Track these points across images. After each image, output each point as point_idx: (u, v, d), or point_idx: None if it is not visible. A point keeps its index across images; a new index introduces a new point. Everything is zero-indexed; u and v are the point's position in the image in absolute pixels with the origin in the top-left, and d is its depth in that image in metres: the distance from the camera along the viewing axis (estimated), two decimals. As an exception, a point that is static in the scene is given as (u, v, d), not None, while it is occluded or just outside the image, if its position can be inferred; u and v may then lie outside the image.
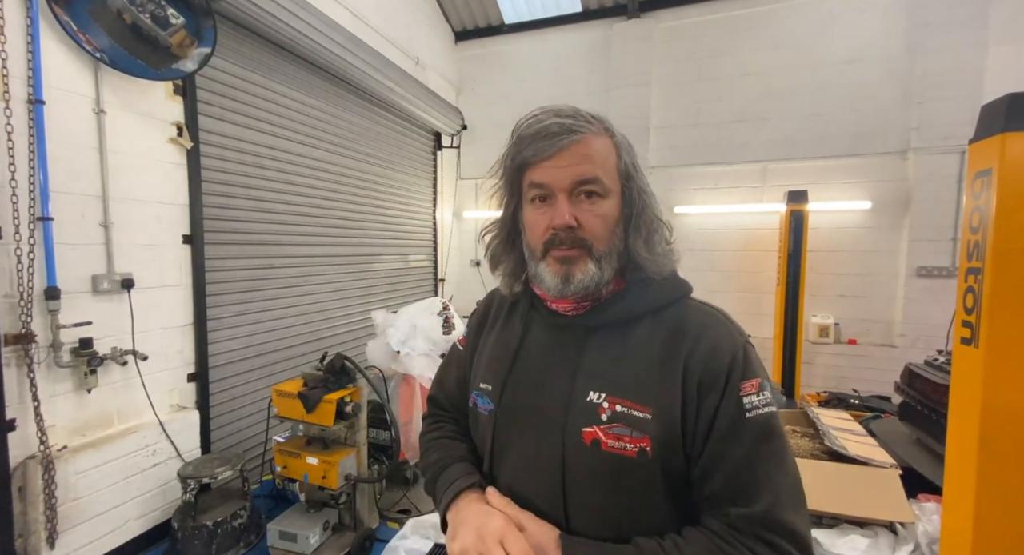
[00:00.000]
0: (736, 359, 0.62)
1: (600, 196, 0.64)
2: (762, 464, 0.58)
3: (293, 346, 3.11)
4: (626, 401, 0.62)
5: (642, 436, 0.60)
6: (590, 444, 0.62)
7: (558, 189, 0.64)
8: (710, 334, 0.64)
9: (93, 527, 1.94)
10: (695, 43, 4.19)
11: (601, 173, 0.64)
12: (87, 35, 1.87)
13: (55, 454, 1.80)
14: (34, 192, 1.77)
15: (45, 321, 1.82)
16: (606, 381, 0.64)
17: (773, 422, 0.61)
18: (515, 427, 0.69)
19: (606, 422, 0.62)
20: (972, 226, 1.39)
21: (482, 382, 0.75)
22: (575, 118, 0.64)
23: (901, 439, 2.65)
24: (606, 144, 0.66)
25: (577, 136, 0.63)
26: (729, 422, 0.60)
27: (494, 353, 0.76)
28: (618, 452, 0.61)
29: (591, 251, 0.64)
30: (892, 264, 3.78)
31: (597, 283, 0.65)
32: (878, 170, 3.77)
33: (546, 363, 0.70)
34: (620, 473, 0.61)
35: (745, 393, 0.60)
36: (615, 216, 0.66)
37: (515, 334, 0.74)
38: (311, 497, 2.16)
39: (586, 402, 0.64)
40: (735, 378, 0.61)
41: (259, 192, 2.83)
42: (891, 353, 3.71)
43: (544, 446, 0.65)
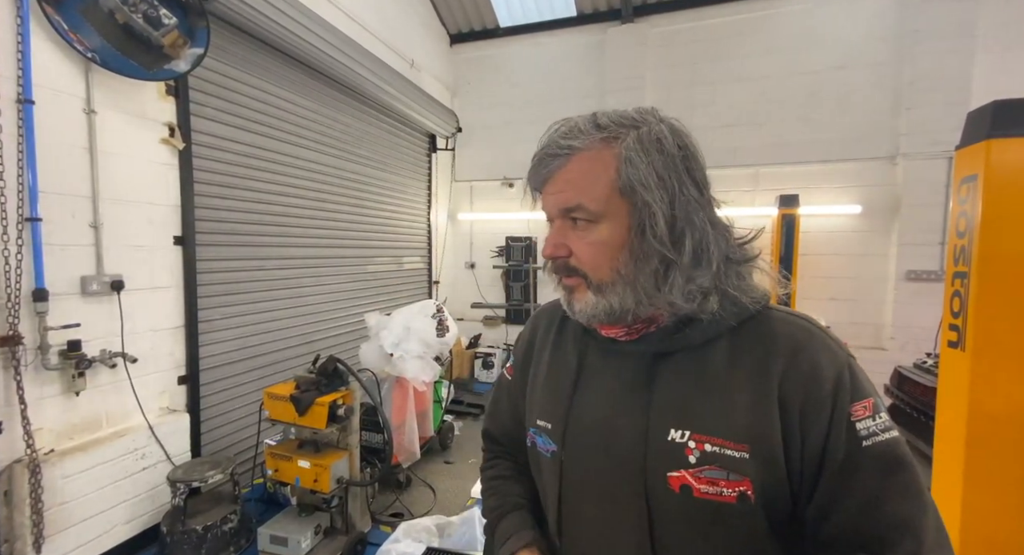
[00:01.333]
0: (842, 380, 0.53)
1: (590, 222, 0.57)
2: (895, 500, 0.49)
3: (285, 348, 3.09)
4: (716, 439, 0.53)
5: (741, 479, 0.51)
6: (679, 491, 0.53)
7: (552, 216, 0.60)
8: (807, 352, 0.54)
9: (80, 532, 1.91)
10: (688, 48, 4.23)
11: (585, 199, 0.56)
12: (78, 35, 1.86)
13: (42, 458, 1.78)
14: (23, 192, 1.75)
15: (33, 323, 1.80)
16: (688, 416, 0.55)
17: (899, 449, 0.51)
18: (585, 473, 0.61)
19: (695, 465, 0.53)
20: (959, 231, 1.41)
21: (539, 419, 0.67)
22: (569, 135, 0.58)
23: (891, 441, 2.68)
24: (599, 158, 0.56)
25: (560, 160, 0.57)
26: (845, 454, 0.51)
27: (549, 385, 0.68)
28: (714, 498, 0.52)
29: (588, 280, 0.58)
30: (882, 268, 3.83)
31: (608, 312, 0.57)
32: (868, 175, 3.82)
33: (611, 396, 0.61)
34: (718, 522, 0.53)
35: (858, 417, 0.51)
36: (615, 241, 0.56)
37: (570, 361, 0.66)
38: (303, 501, 2.14)
39: (667, 442, 0.55)
40: (843, 401, 0.52)
41: (252, 193, 2.81)
42: (881, 356, 3.75)
43: (623, 494, 0.57)
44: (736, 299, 0.57)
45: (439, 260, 5.01)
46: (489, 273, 5.08)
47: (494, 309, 4.98)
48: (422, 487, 2.78)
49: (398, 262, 4.42)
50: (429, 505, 2.61)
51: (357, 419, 2.28)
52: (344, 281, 3.65)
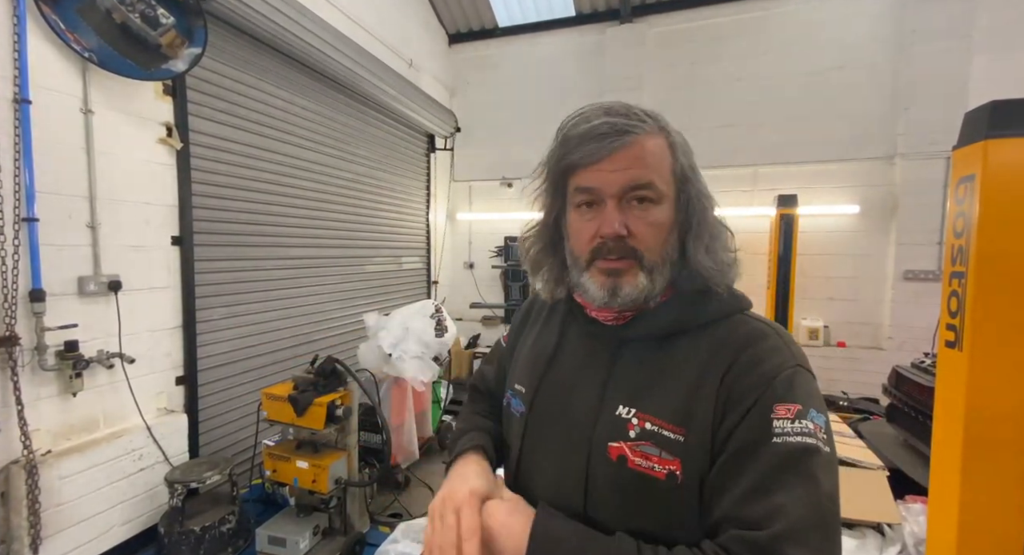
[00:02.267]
0: (777, 379, 0.55)
1: (653, 202, 0.59)
2: (779, 492, 0.49)
3: (283, 349, 3.09)
4: (656, 419, 0.58)
5: (672, 458, 0.56)
6: (616, 459, 0.59)
7: (608, 195, 0.59)
8: (754, 350, 0.58)
9: (77, 533, 1.90)
10: (687, 48, 4.23)
11: (655, 177, 0.59)
12: (75, 34, 1.85)
13: (39, 459, 1.77)
14: (19, 193, 1.75)
15: (29, 323, 1.79)
16: (637, 395, 0.60)
17: (809, 455, 0.51)
18: (543, 434, 0.68)
19: (634, 439, 0.58)
20: (956, 231, 1.41)
21: (517, 383, 0.75)
22: (627, 116, 0.59)
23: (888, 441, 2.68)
24: (660, 144, 0.60)
25: (629, 137, 0.58)
26: (749, 441, 0.53)
27: (530, 355, 0.75)
28: (645, 471, 0.57)
29: (642, 262, 0.60)
30: (880, 267, 3.84)
31: (647, 296, 0.61)
32: (866, 175, 3.83)
33: (578, 372, 0.67)
34: (646, 494, 0.57)
35: (778, 416, 0.53)
36: (668, 223, 0.61)
37: (551, 339, 0.73)
38: (301, 501, 2.14)
39: (614, 415, 0.60)
40: (768, 398, 0.54)
41: (250, 193, 2.81)
42: (879, 355, 3.76)
43: (570, 457, 0.63)
44: (721, 297, 0.63)
45: (438, 260, 5.01)
46: (488, 273, 5.07)
47: (493, 309, 4.98)
48: (421, 487, 2.78)
49: (397, 262, 4.42)
50: (427, 506, 2.60)
51: (355, 419, 2.28)
52: (342, 281, 3.65)
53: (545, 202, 0.70)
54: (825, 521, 0.50)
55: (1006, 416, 1.32)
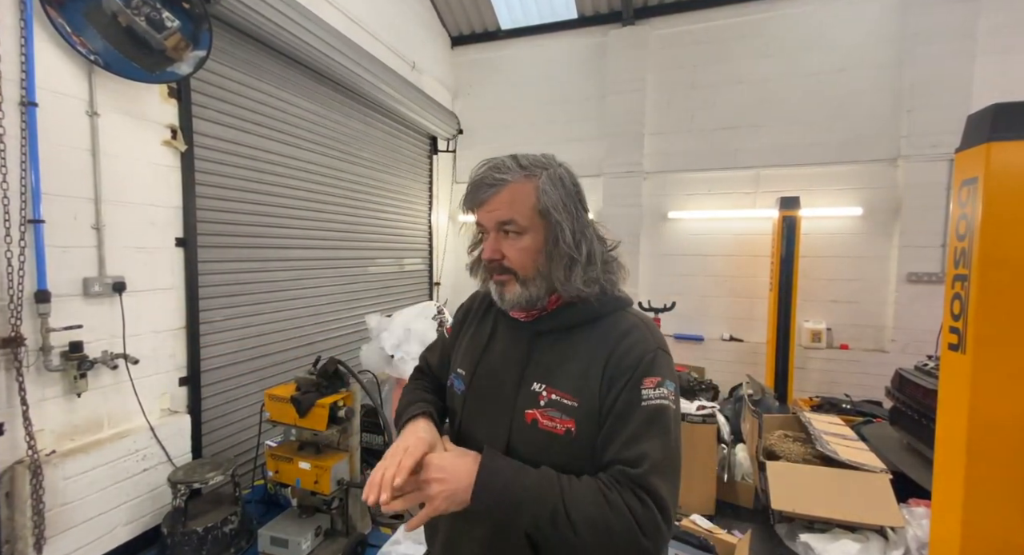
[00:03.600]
0: (644, 361, 0.77)
1: (519, 233, 0.79)
2: (647, 441, 0.73)
3: (286, 350, 3.10)
4: (559, 391, 0.79)
5: (569, 419, 0.77)
6: (530, 423, 0.79)
7: (489, 228, 0.82)
8: (628, 340, 0.79)
9: (81, 533, 1.91)
10: (689, 50, 4.23)
11: (516, 215, 0.78)
12: (81, 37, 1.87)
13: (43, 459, 1.78)
14: (25, 194, 1.76)
15: (35, 324, 1.80)
16: (548, 375, 0.81)
17: (664, 413, 0.75)
18: (479, 405, 0.87)
19: (543, 406, 0.79)
20: (959, 233, 1.41)
21: (459, 367, 0.93)
22: (501, 170, 0.79)
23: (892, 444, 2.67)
24: (525, 189, 0.79)
25: (498, 187, 0.79)
26: (626, 406, 0.75)
27: (470, 345, 0.94)
28: (549, 430, 0.78)
29: (517, 276, 0.81)
30: (883, 270, 3.83)
31: (527, 300, 0.81)
32: (869, 177, 3.82)
33: (505, 358, 0.87)
34: (551, 446, 0.78)
35: (645, 387, 0.75)
36: (535, 247, 0.80)
37: (486, 332, 0.93)
38: (303, 502, 2.14)
39: (531, 390, 0.81)
40: (639, 374, 0.76)
41: (253, 195, 2.82)
42: (882, 358, 3.75)
43: (497, 421, 0.82)
44: (612, 295, 0.83)
45: (440, 262, 5.02)
46: (490, 275, 5.08)
47: (495, 311, 4.98)
48: (422, 489, 2.78)
49: (399, 264, 4.43)
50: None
51: (358, 421, 2.28)
52: (345, 283, 3.66)
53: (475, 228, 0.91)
54: (674, 460, 0.75)
55: (1009, 419, 1.31)
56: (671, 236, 4.41)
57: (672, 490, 0.73)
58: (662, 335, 0.84)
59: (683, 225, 4.36)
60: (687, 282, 4.38)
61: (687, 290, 4.35)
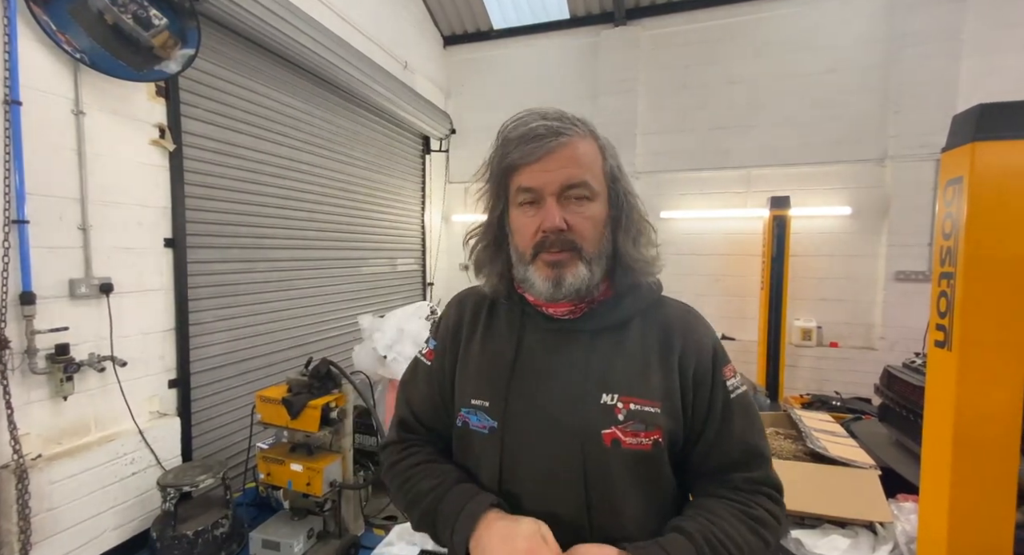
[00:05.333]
0: (716, 351, 0.71)
1: (588, 199, 0.65)
2: (752, 436, 0.69)
3: (278, 351, 3.07)
4: (638, 399, 0.65)
5: (654, 429, 0.65)
6: (611, 445, 0.64)
7: (547, 192, 0.64)
8: (695, 330, 0.72)
9: (69, 538, 1.88)
10: (680, 51, 4.26)
11: (589, 176, 0.64)
12: (67, 35, 1.84)
13: (29, 463, 1.75)
14: (9, 194, 1.73)
15: (20, 326, 1.77)
16: (616, 382, 0.66)
17: (749, 398, 0.72)
18: (526, 443, 0.66)
19: (623, 421, 0.64)
20: (945, 232, 1.43)
21: (475, 398, 0.70)
22: (561, 120, 0.64)
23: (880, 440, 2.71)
24: (592, 147, 0.66)
25: (564, 138, 0.63)
26: (722, 405, 0.69)
27: (486, 365, 0.71)
28: (636, 448, 0.64)
29: (581, 253, 0.65)
30: (872, 268, 3.87)
31: (588, 285, 0.65)
32: (858, 177, 3.87)
33: (552, 370, 0.68)
34: (638, 467, 0.65)
35: (726, 377, 0.70)
36: (603, 218, 0.67)
37: (508, 343, 0.71)
38: (295, 504, 2.13)
39: (601, 404, 0.65)
40: (719, 366, 0.70)
41: (244, 195, 2.79)
42: (871, 356, 3.79)
43: (563, 454, 0.64)
44: (649, 286, 0.73)
45: (433, 262, 5.00)
46: (483, 275, 5.07)
47: (488, 311, 4.98)
48: (416, 490, 2.77)
49: (392, 264, 4.41)
50: None
51: (350, 422, 2.27)
52: (337, 283, 3.64)
53: (489, 202, 0.73)
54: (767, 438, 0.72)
55: (995, 415, 1.33)
56: (664, 236, 4.29)
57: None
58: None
59: (675, 225, 4.38)
60: (680, 281, 4.40)
61: (680, 289, 4.31)
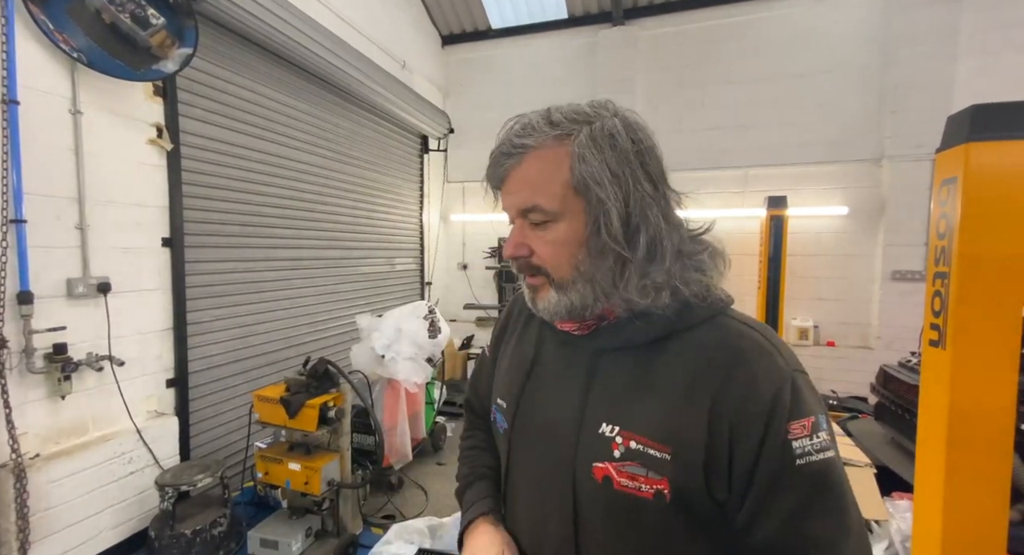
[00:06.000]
0: (781, 397, 0.51)
1: (549, 221, 0.56)
2: (818, 520, 0.50)
3: (275, 350, 3.07)
4: (642, 438, 0.54)
5: (660, 478, 0.53)
6: (601, 481, 0.56)
7: (514, 216, 0.60)
8: (747, 365, 0.53)
9: (67, 537, 1.88)
10: (678, 51, 4.27)
11: (541, 199, 0.56)
12: (64, 34, 1.84)
13: (27, 462, 1.75)
14: (7, 194, 1.73)
15: (17, 326, 1.77)
16: (620, 412, 0.57)
17: (833, 471, 0.51)
18: (527, 451, 0.65)
19: (619, 459, 0.55)
20: (939, 232, 1.44)
21: (499, 397, 0.71)
22: (524, 131, 0.57)
23: (876, 439, 2.72)
24: (550, 157, 0.55)
25: (514, 159, 0.57)
26: (776, 468, 0.50)
27: (509, 367, 0.72)
28: (632, 492, 0.54)
29: (550, 279, 0.59)
30: (868, 268, 3.89)
31: (569, 309, 0.58)
32: (854, 177, 3.88)
33: (558, 384, 0.64)
34: (635, 516, 0.55)
35: (795, 436, 0.50)
36: (574, 240, 0.56)
37: (529, 349, 0.69)
38: (293, 503, 2.13)
39: (597, 434, 0.57)
40: (780, 419, 0.51)
41: (241, 195, 2.79)
42: (868, 355, 3.81)
43: (555, 477, 0.60)
44: (688, 300, 0.56)
45: (431, 261, 5.01)
46: (482, 274, 5.08)
47: (487, 310, 4.98)
48: (414, 489, 2.78)
49: (390, 263, 4.41)
50: (421, 507, 2.60)
51: (348, 421, 2.27)
52: (335, 282, 3.64)
53: None
54: (863, 540, 0.51)
55: (988, 413, 1.35)
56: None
57: None
58: (788, 346, 0.57)
59: (673, 224, 4.40)
60: (677, 281, 4.41)
61: None
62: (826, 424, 0.53)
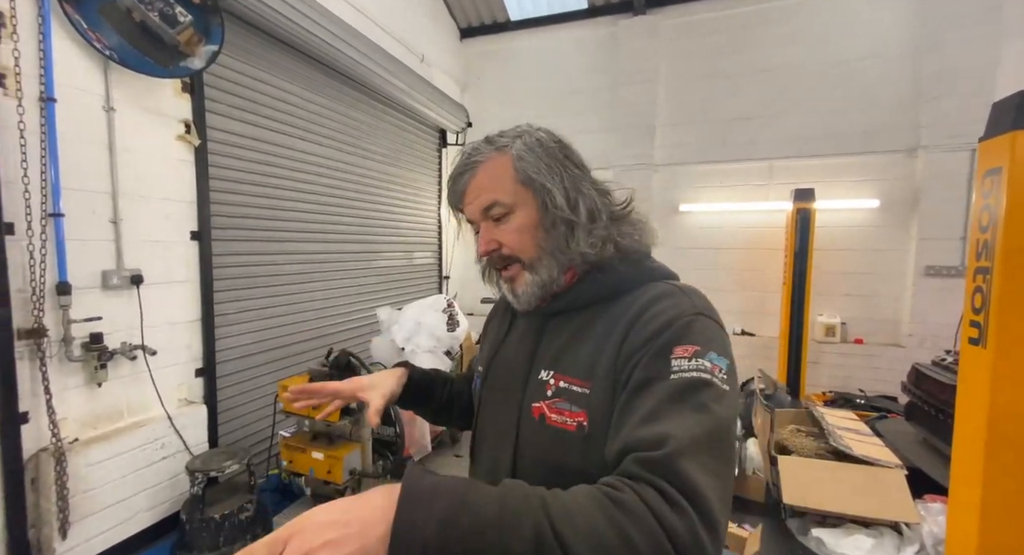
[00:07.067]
0: (675, 325, 0.59)
1: (508, 213, 0.69)
2: (671, 418, 0.52)
3: (299, 342, 3.14)
4: (568, 377, 0.66)
5: (580, 411, 0.63)
6: (538, 418, 0.67)
7: (478, 221, 0.72)
8: (656, 306, 0.63)
9: (104, 518, 1.97)
10: (703, 40, 4.16)
11: (497, 195, 0.69)
12: (97, 33, 1.89)
13: (67, 446, 1.83)
14: (45, 189, 1.80)
15: (56, 316, 1.85)
16: (556, 360, 0.69)
17: (702, 387, 0.54)
18: (490, 403, 0.80)
19: (550, 397, 0.67)
20: (981, 225, 1.37)
21: (479, 365, 0.88)
22: (471, 153, 0.71)
23: (907, 439, 2.63)
24: (498, 162, 0.69)
25: (468, 173, 0.71)
26: (646, 377, 0.56)
27: (489, 342, 0.89)
28: (559, 426, 0.65)
29: (523, 263, 0.71)
30: (900, 263, 3.75)
31: (542, 285, 0.70)
32: (887, 168, 3.73)
33: (517, 347, 0.78)
34: (562, 447, 0.64)
35: (676, 355, 0.57)
36: (531, 223, 0.69)
37: (505, 326, 0.85)
38: (317, 491, 2.19)
39: (538, 380, 0.69)
40: (666, 340, 0.58)
41: (265, 189, 2.85)
42: (898, 353, 3.68)
43: (505, 419, 0.73)
44: (638, 259, 0.71)
45: (449, 255, 5.03)
46: (499, 268, 5.08)
47: (504, 304, 5.00)
48: (433, 480, 2.81)
49: (409, 257, 4.45)
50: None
51: (369, 412, 2.31)
52: (356, 276, 3.69)
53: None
54: (718, 445, 0.52)
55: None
56: (682, 230, 4.36)
57: (716, 484, 0.49)
58: (710, 303, 0.65)
59: (694, 218, 4.31)
60: (698, 276, 4.34)
61: (698, 284, 4.06)
62: (720, 362, 0.57)
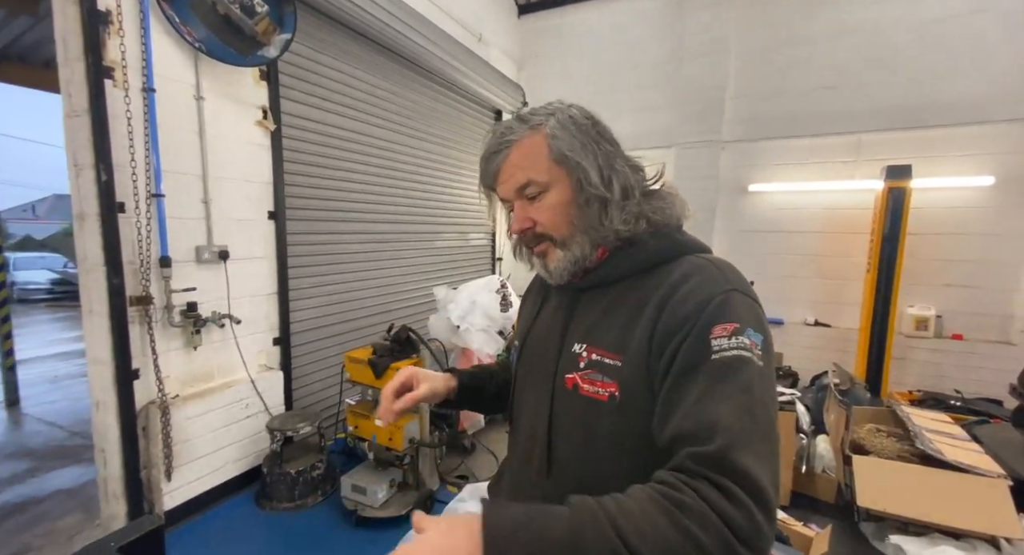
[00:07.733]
0: (711, 303, 0.61)
1: (543, 191, 0.71)
2: (717, 403, 0.54)
3: (363, 316, 3.32)
4: (601, 350, 0.68)
5: (611, 382, 0.66)
6: (571, 388, 0.71)
7: (512, 200, 0.74)
8: (689, 283, 0.64)
9: (201, 465, 2.23)
10: (782, 2, 3.78)
11: (532, 174, 0.70)
12: (188, 27, 2.05)
13: (170, 401, 2.08)
14: (149, 172, 2.01)
15: (160, 286, 2.08)
16: (588, 334, 0.72)
17: (743, 365, 0.56)
18: (526, 376, 0.83)
19: (583, 368, 0.70)
20: None
21: (516, 340, 0.91)
22: (506, 130, 0.72)
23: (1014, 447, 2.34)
24: (533, 141, 0.70)
25: (503, 153, 0.72)
26: (689, 361, 0.59)
27: (524, 319, 0.92)
28: (592, 396, 0.68)
29: (554, 241, 0.73)
30: (1016, 250, 3.28)
31: (574, 261, 0.72)
32: (1003, 140, 3.24)
33: (550, 321, 0.81)
34: (595, 416, 0.67)
35: (715, 335, 0.58)
36: (565, 201, 0.71)
37: (539, 302, 0.88)
38: (379, 456, 2.33)
39: (571, 352, 0.72)
40: (705, 321, 0.60)
41: (333, 171, 3.00)
42: (1007, 351, 3.26)
43: (540, 391, 0.76)
44: (669, 233, 0.72)
45: (501, 237, 5.06)
46: (553, 251, 5.04)
47: (557, 287, 4.97)
48: (485, 454, 2.90)
49: (464, 238, 4.53)
50: (491, 470, 2.71)
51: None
52: (415, 255, 3.82)
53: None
54: (765, 427, 0.54)
55: None
56: (750, 211, 4.08)
57: (768, 469, 0.51)
58: (744, 278, 0.66)
59: (765, 199, 4.01)
60: (767, 261, 4.05)
61: (766, 270, 4.03)
62: (755, 338, 0.59)
